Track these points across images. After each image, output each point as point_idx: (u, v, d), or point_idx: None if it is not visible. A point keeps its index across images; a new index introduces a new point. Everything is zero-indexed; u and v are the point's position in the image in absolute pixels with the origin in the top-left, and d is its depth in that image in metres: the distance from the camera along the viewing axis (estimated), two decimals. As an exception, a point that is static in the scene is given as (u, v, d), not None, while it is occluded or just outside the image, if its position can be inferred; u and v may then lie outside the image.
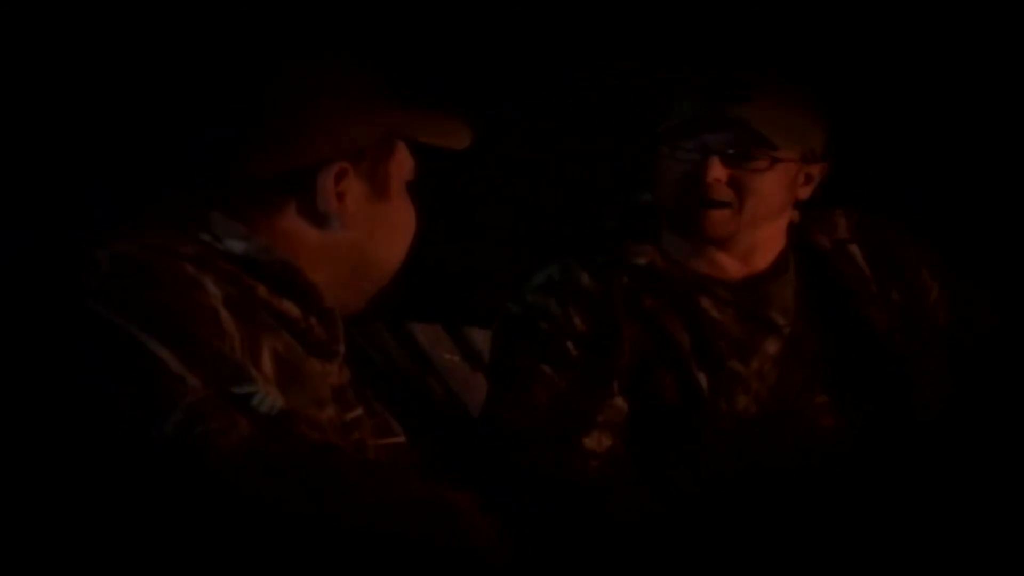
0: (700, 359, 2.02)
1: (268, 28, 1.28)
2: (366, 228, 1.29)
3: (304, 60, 1.27)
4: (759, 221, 2.04)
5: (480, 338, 2.61)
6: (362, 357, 2.43)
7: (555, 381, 2.02)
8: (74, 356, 1.11)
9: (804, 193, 2.08)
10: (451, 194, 2.61)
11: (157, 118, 1.25)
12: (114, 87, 1.27)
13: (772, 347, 2.04)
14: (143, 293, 1.14)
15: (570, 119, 2.89)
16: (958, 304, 2.12)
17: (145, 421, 1.08)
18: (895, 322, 2.05)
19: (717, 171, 1.99)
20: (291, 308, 1.24)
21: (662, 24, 2.73)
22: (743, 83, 2.01)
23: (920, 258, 2.13)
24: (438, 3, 2.72)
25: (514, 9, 2.69)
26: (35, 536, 1.09)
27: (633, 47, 2.74)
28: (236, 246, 1.22)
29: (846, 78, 2.64)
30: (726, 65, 2.12)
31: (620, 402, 2.03)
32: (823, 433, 2.00)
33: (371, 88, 1.28)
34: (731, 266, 2.09)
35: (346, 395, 1.30)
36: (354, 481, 1.15)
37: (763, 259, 2.09)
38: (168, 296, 1.15)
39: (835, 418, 2.02)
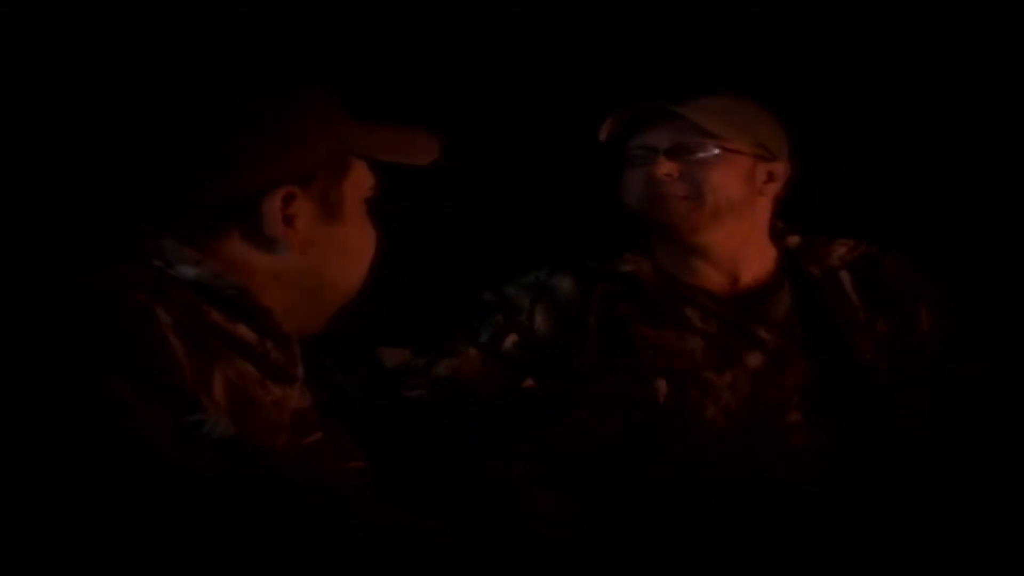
0: (662, 367, 2.01)
1: (218, 44, 1.25)
2: (319, 252, 1.25)
3: (255, 79, 1.24)
4: (723, 214, 2.07)
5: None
6: (328, 382, 2.41)
7: (477, 364, 2.07)
8: (24, 387, 1.08)
9: (770, 191, 2.13)
10: (423, 215, 2.60)
11: (104, 141, 1.22)
12: (62, 107, 1.24)
13: (753, 361, 2.05)
14: (93, 323, 1.12)
15: (543, 132, 2.88)
16: (952, 345, 2.11)
17: (95, 452, 1.06)
18: (879, 352, 2.05)
19: (665, 167, 2.05)
20: (246, 333, 1.21)
21: (637, 53, 2.73)
22: (677, 85, 2.10)
23: (919, 293, 2.13)
24: (416, 15, 2.72)
25: (490, 24, 2.68)
26: None
27: (608, 73, 2.73)
28: (188, 272, 1.20)
29: (835, 95, 2.65)
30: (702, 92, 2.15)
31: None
32: (792, 451, 2.00)
33: (325, 107, 1.25)
34: (716, 278, 2.11)
35: (306, 419, 1.28)
36: (306, 504, 1.12)
37: (750, 274, 2.11)
38: (118, 325, 1.12)
39: (807, 438, 2.01)
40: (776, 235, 2.15)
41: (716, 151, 2.05)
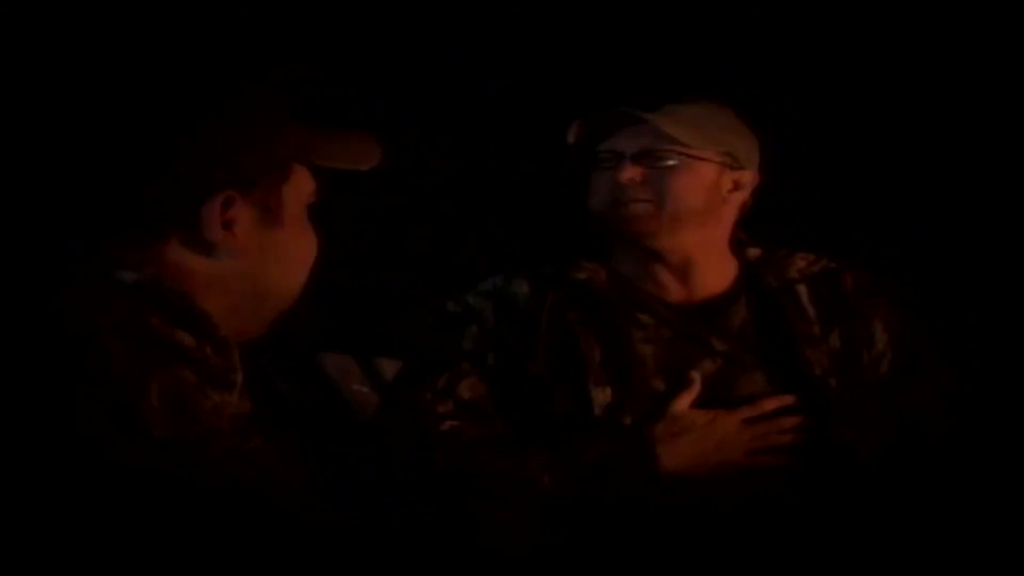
0: (606, 374, 2.00)
1: (169, 50, 1.25)
2: (258, 257, 1.25)
3: (202, 83, 1.24)
4: (683, 221, 2.06)
5: (391, 370, 2.59)
6: (269, 387, 2.41)
7: (478, 385, 2.06)
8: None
9: (736, 200, 2.12)
10: (367, 222, 2.60)
11: (45, 144, 1.23)
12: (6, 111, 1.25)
13: (704, 371, 2.03)
14: (33, 329, 1.12)
15: (543, 132, 2.88)
16: (904, 365, 2.10)
17: (40, 457, 1.08)
18: (830, 366, 2.04)
19: (630, 172, 2.05)
20: (185, 338, 1.21)
21: (636, 53, 2.72)
22: (650, 91, 2.10)
23: (875, 311, 2.12)
24: (416, 15, 2.72)
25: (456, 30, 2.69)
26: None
27: (607, 73, 2.72)
28: (127, 276, 1.20)
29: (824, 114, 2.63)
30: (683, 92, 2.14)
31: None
32: (739, 463, 1.99)
33: (268, 112, 1.25)
34: (673, 286, 2.10)
35: (245, 425, 1.28)
36: (248, 505, 1.14)
37: (706, 282, 2.11)
38: (57, 330, 1.13)
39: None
40: (738, 246, 2.15)
41: (680, 158, 2.05)
